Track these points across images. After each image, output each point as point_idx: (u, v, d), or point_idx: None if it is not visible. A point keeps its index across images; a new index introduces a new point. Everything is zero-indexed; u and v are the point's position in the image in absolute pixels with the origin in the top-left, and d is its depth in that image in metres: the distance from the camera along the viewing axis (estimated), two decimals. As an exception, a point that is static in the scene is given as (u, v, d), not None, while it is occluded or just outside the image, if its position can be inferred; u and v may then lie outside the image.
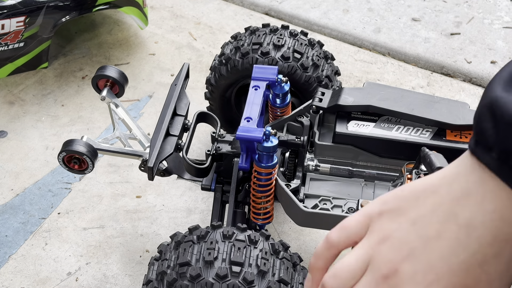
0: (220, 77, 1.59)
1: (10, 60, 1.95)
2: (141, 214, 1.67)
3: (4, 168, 1.79)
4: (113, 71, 1.46)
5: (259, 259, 1.11)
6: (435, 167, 1.02)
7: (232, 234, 1.14)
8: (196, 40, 2.24)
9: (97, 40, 2.22)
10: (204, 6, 2.40)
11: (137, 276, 1.53)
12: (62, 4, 1.91)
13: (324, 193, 1.33)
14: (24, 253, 1.58)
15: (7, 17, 1.83)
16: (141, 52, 2.18)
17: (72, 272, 1.54)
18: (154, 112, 1.96)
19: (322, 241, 0.57)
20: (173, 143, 1.35)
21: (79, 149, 1.34)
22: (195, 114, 1.43)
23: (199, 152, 1.83)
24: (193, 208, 1.69)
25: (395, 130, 1.34)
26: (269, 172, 1.28)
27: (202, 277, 1.08)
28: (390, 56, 2.22)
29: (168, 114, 1.37)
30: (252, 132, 1.25)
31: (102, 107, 1.96)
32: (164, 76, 2.09)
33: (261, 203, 1.32)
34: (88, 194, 1.72)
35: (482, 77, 2.10)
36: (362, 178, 1.34)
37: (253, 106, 1.34)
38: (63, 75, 2.10)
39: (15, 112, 1.96)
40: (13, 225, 1.64)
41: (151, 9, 2.36)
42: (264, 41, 1.55)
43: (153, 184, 1.73)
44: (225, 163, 1.37)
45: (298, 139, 1.35)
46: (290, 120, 1.41)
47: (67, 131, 1.90)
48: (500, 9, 2.40)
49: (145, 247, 1.59)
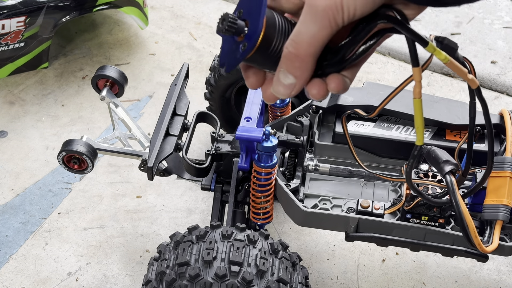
0: (220, 77, 1.59)
1: (11, 60, 1.95)
2: (141, 214, 1.67)
3: (4, 168, 1.79)
4: (112, 71, 1.46)
5: (258, 259, 1.11)
6: (442, 160, 1.01)
7: (231, 233, 1.14)
8: (196, 40, 2.24)
9: (98, 40, 2.23)
10: (204, 6, 2.40)
11: (137, 276, 1.53)
12: (62, 4, 1.91)
13: (324, 193, 1.32)
14: (25, 253, 1.58)
15: (7, 17, 1.83)
16: (141, 52, 2.18)
17: (73, 272, 1.54)
18: (154, 112, 1.96)
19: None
20: (173, 143, 1.35)
21: (79, 149, 1.34)
22: (195, 114, 1.43)
23: (199, 152, 1.83)
24: (193, 208, 1.69)
25: (395, 130, 1.34)
26: (269, 172, 1.28)
27: (201, 277, 1.08)
28: (390, 56, 2.22)
29: (168, 114, 1.37)
30: (252, 132, 1.25)
31: (102, 107, 1.96)
32: (164, 76, 2.09)
33: (260, 203, 1.32)
34: (88, 194, 1.72)
35: (482, 77, 2.10)
36: (362, 178, 1.34)
37: (253, 106, 1.34)
38: (63, 75, 2.10)
39: (16, 112, 1.96)
40: (14, 225, 1.64)
41: (152, 9, 2.36)
42: (264, 41, 1.55)
43: (153, 184, 1.73)
44: (225, 163, 1.37)
45: (298, 139, 1.35)
46: (289, 120, 1.41)
47: (67, 131, 1.90)
48: (501, 9, 2.40)
49: (145, 247, 1.59)
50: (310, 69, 0.57)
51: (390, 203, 1.26)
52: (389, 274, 1.54)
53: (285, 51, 0.57)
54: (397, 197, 1.28)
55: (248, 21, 0.58)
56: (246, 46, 0.58)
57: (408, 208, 1.19)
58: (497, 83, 2.09)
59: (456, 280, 1.52)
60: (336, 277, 1.53)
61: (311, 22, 0.55)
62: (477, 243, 1.02)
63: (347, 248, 1.58)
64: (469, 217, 1.01)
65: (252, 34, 0.57)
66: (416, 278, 1.53)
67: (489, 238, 1.14)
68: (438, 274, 1.54)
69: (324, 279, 1.52)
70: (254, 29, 0.57)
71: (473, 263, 1.55)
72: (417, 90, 0.57)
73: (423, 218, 1.19)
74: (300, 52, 0.56)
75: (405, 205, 1.20)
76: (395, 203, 1.24)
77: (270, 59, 0.59)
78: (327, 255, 1.57)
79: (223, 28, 0.57)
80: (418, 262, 1.56)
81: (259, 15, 0.57)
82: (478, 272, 1.54)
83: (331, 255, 1.57)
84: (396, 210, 1.24)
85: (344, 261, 1.56)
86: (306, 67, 0.57)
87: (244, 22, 0.58)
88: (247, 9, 0.59)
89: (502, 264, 1.56)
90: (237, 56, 0.59)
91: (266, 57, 0.59)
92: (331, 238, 1.60)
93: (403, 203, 1.21)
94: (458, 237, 1.19)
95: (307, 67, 0.57)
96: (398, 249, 1.58)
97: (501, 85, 2.09)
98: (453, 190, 1.06)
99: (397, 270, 1.55)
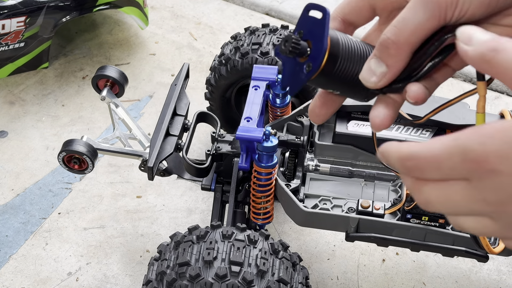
0: (220, 77, 1.59)
1: (11, 60, 1.95)
2: (142, 214, 1.67)
3: (4, 168, 1.79)
4: (113, 71, 1.46)
5: (258, 259, 1.11)
6: None
7: (232, 234, 1.14)
8: (196, 40, 2.24)
9: (98, 40, 2.23)
10: (204, 6, 2.40)
11: (138, 276, 1.53)
12: (62, 4, 1.91)
13: (324, 193, 1.32)
14: (25, 253, 1.58)
15: (7, 17, 1.83)
16: (141, 52, 2.18)
17: (73, 272, 1.54)
18: (154, 112, 1.96)
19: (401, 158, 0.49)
20: (173, 143, 1.35)
21: (79, 149, 1.34)
22: (195, 114, 1.43)
23: (199, 152, 1.83)
24: (193, 208, 1.69)
25: (395, 130, 1.34)
26: (269, 172, 1.28)
27: (202, 277, 1.08)
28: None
29: (168, 114, 1.37)
30: (252, 132, 1.25)
31: (103, 107, 1.96)
32: (165, 76, 2.09)
33: (261, 203, 1.32)
34: (88, 194, 1.72)
35: (482, 77, 2.10)
36: (362, 178, 1.34)
37: (253, 106, 1.34)
38: (63, 75, 2.10)
39: (16, 112, 1.96)
40: (14, 225, 1.64)
41: (152, 9, 2.36)
42: (264, 41, 1.55)
43: (153, 184, 1.73)
44: (225, 163, 1.37)
45: (298, 139, 1.35)
46: (290, 120, 1.41)
47: (68, 131, 1.90)
48: (501, 9, 2.40)
49: (146, 247, 1.59)
50: (405, 60, 0.54)
51: (390, 203, 1.26)
52: (389, 274, 1.54)
53: (383, 37, 0.54)
54: (397, 197, 1.28)
55: (311, 41, 0.58)
56: (310, 67, 0.57)
57: (409, 208, 1.19)
58: (498, 83, 2.09)
59: (456, 280, 1.52)
60: (336, 277, 1.53)
61: (421, 9, 0.52)
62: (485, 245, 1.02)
63: (347, 248, 1.58)
64: None
65: (316, 54, 0.57)
66: (416, 278, 1.53)
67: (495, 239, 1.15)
68: (438, 274, 1.54)
69: (324, 279, 1.52)
70: (319, 50, 0.57)
71: (473, 263, 1.55)
72: (481, 104, 0.54)
73: (424, 218, 1.19)
74: (399, 40, 0.53)
75: (405, 205, 1.20)
76: (396, 203, 1.24)
77: (335, 79, 0.58)
78: (327, 255, 1.57)
79: (287, 50, 0.57)
80: (418, 262, 1.56)
81: (323, 34, 0.56)
82: (478, 272, 1.54)
83: (331, 255, 1.57)
84: (397, 210, 1.24)
85: (344, 261, 1.56)
86: (402, 57, 0.54)
87: (306, 42, 0.58)
88: (308, 29, 0.59)
89: (502, 264, 1.56)
90: (301, 77, 0.58)
91: (331, 78, 0.58)
92: (331, 238, 1.60)
93: (404, 203, 1.22)
94: (459, 237, 1.19)
95: (402, 57, 0.54)
96: (398, 249, 1.58)
97: (501, 85, 2.09)
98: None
99: (397, 270, 1.55)
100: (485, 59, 0.46)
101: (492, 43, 0.46)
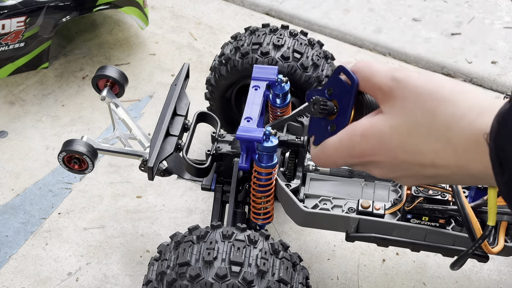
0: (220, 78, 1.59)
1: (11, 60, 1.95)
2: (142, 214, 1.67)
3: (4, 168, 1.79)
4: (113, 71, 1.46)
5: (258, 259, 1.11)
6: None
7: (232, 234, 1.14)
8: (196, 40, 2.24)
9: (98, 40, 2.23)
10: (204, 6, 2.40)
11: (138, 276, 1.53)
12: (62, 4, 1.91)
13: (324, 193, 1.32)
14: (25, 253, 1.58)
15: (7, 17, 1.83)
16: (141, 52, 2.18)
17: (73, 272, 1.54)
18: (154, 112, 1.96)
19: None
20: (173, 143, 1.35)
21: (79, 149, 1.34)
22: (195, 114, 1.43)
23: (199, 152, 1.83)
24: (193, 208, 1.69)
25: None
26: (269, 172, 1.28)
27: (202, 277, 1.08)
28: (390, 56, 2.22)
29: (168, 114, 1.37)
30: (252, 132, 1.25)
31: (103, 107, 1.96)
32: (165, 76, 2.09)
33: (261, 203, 1.32)
34: (88, 194, 1.72)
35: (482, 77, 2.10)
36: (362, 178, 1.34)
37: (253, 106, 1.34)
38: (63, 75, 2.10)
39: (16, 112, 1.96)
40: (14, 225, 1.64)
41: (152, 9, 2.36)
42: (264, 41, 1.55)
43: (153, 184, 1.73)
44: (225, 163, 1.37)
45: (298, 139, 1.35)
46: (290, 120, 1.41)
47: (68, 131, 1.90)
48: (501, 9, 2.40)
49: (146, 247, 1.59)
50: None
51: (390, 203, 1.26)
52: (390, 274, 1.54)
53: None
54: (397, 197, 1.28)
55: (337, 102, 0.67)
56: (334, 129, 0.67)
57: (409, 208, 1.19)
58: (498, 83, 2.09)
59: (456, 280, 1.52)
60: (337, 277, 1.53)
61: None
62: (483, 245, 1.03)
63: (347, 248, 1.58)
64: (475, 219, 1.02)
65: (340, 121, 0.66)
66: (417, 278, 1.53)
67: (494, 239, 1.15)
68: (438, 274, 1.54)
69: (325, 279, 1.52)
70: (343, 117, 0.66)
71: (474, 264, 1.55)
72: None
73: (424, 218, 1.19)
74: None
75: (405, 206, 1.20)
76: (396, 204, 1.24)
77: None
78: (328, 255, 1.57)
79: (316, 112, 0.68)
80: (418, 262, 1.56)
81: (348, 105, 0.65)
82: (479, 272, 1.54)
83: (331, 255, 1.57)
84: (397, 210, 1.24)
85: (344, 261, 1.56)
86: None
87: (333, 102, 0.67)
88: (337, 90, 0.67)
89: (502, 265, 1.56)
90: (325, 134, 0.69)
91: None
92: (332, 238, 1.60)
93: (404, 204, 1.22)
94: (459, 237, 1.19)
95: None
96: (399, 249, 1.58)
97: (501, 85, 2.09)
98: (458, 192, 1.06)
99: (398, 270, 1.54)
100: None
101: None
